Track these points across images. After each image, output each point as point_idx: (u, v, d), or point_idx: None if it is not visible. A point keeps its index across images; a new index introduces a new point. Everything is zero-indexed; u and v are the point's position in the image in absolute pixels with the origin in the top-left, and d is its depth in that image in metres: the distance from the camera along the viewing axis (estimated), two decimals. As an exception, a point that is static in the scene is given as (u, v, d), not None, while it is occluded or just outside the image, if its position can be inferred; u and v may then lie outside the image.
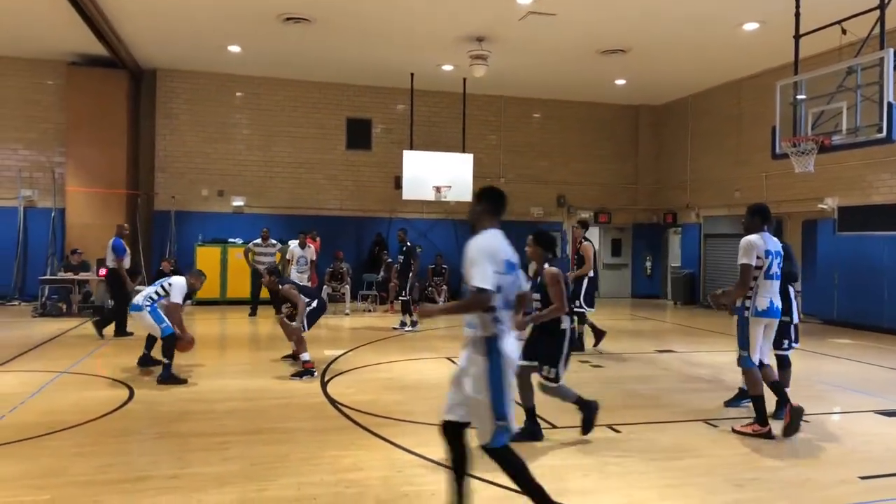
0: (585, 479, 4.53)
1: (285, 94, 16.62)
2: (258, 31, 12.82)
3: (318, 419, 5.98)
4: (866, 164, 12.45)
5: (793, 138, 8.50)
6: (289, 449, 5.07)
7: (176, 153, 15.98)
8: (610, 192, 18.94)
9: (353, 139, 17.09)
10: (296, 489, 4.27)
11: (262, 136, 16.54)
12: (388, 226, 17.02)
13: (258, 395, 6.86)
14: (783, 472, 4.73)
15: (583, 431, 5.44)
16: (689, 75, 15.76)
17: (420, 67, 15.19)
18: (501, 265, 3.57)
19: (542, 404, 6.47)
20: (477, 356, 3.50)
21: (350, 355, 9.13)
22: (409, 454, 4.98)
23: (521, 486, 3.65)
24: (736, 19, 11.72)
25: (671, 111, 18.51)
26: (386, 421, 5.87)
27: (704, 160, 17.17)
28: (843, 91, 8.46)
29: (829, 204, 13.21)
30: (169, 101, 15.93)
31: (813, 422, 6.08)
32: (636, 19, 11.83)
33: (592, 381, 7.79)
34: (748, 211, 5.79)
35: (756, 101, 15.20)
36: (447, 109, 17.36)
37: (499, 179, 17.81)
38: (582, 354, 9.41)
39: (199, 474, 4.49)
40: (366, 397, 6.74)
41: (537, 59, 14.37)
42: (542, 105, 18.34)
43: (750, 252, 5.51)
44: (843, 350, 10.28)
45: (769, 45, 12.73)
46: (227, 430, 5.59)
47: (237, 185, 16.32)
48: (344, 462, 4.81)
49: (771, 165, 14.80)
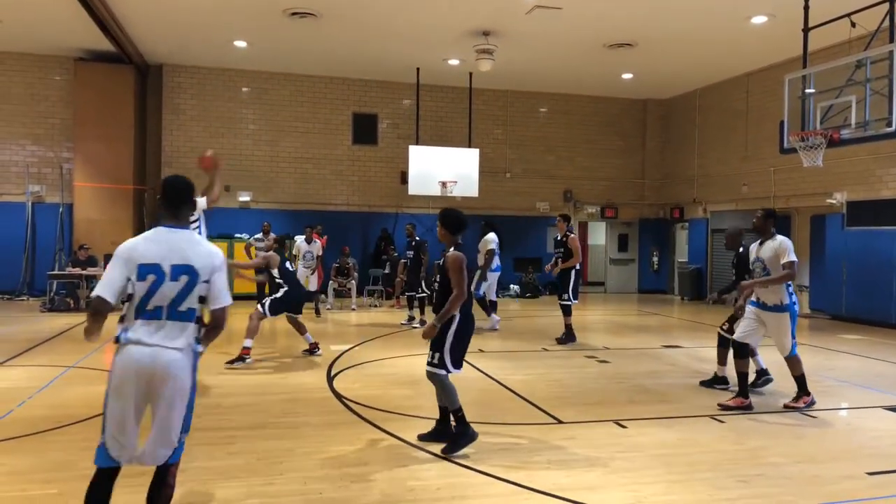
0: (591, 474, 4.52)
1: (291, 89, 16.62)
2: (264, 25, 12.82)
3: (324, 414, 5.99)
4: (875, 158, 12.35)
5: (801, 133, 8.44)
6: (294, 443, 5.08)
7: (183, 148, 16.01)
8: (617, 186, 18.88)
9: (360, 134, 17.09)
10: (301, 483, 4.28)
11: (269, 131, 16.55)
12: (395, 221, 17.02)
13: (265, 391, 6.88)
14: (789, 467, 4.71)
15: (430, 437, 5.08)
16: (697, 69, 15.66)
17: (426, 62, 15.16)
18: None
19: (543, 400, 6.48)
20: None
21: (356, 350, 9.15)
22: (415, 449, 4.98)
23: None
24: (744, 12, 11.63)
25: (678, 105, 18.42)
26: (392, 416, 5.88)
27: (712, 155, 17.09)
28: (852, 85, 8.40)
29: (837, 199, 13.11)
30: (175, 97, 15.96)
31: (820, 417, 6.06)
32: (643, 13, 11.75)
33: (599, 376, 7.79)
34: (764, 214, 6.14)
35: (764, 96, 15.11)
36: (453, 104, 17.33)
37: (505, 174, 17.80)
38: (588, 349, 9.41)
39: (205, 468, 4.50)
40: (372, 392, 6.76)
41: (544, 53, 14.32)
42: (548, 99, 18.28)
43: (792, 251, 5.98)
44: (851, 346, 10.22)
45: (777, 39, 12.64)
46: (232, 424, 5.61)
47: (244, 181, 16.34)
48: (349, 457, 4.81)
49: (779, 160, 14.71)
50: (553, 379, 7.58)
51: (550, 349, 9.54)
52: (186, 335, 3.18)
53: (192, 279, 3.17)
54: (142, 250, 3.17)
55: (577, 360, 8.66)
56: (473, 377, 7.63)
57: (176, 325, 3.15)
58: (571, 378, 7.60)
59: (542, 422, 5.81)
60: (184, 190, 3.33)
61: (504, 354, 9.04)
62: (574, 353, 9.07)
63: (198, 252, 3.24)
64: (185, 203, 3.33)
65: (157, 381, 3.08)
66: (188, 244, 3.24)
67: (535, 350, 9.46)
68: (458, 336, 5.02)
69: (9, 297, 14.10)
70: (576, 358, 8.81)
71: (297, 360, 8.40)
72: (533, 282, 17.60)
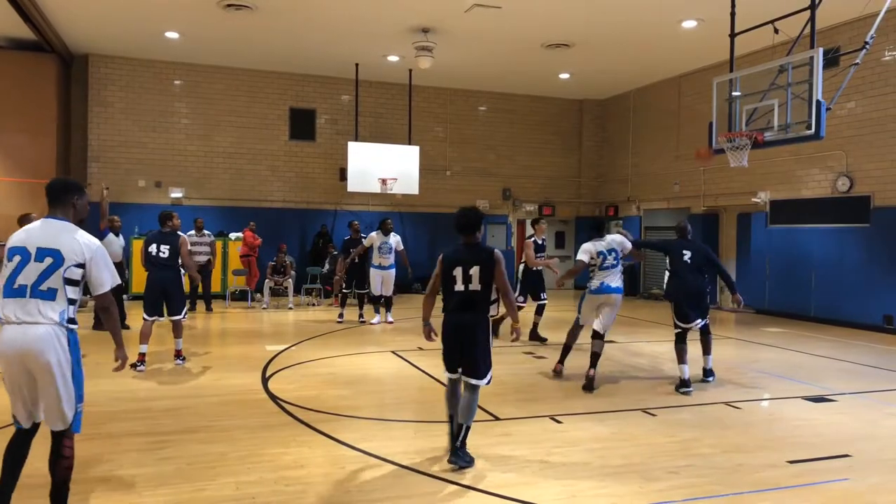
0: (527, 470, 4.57)
1: (226, 82, 16.18)
2: (198, 17, 12.42)
3: (258, 416, 5.86)
4: (797, 159, 12.94)
5: (728, 134, 8.75)
6: (227, 447, 4.95)
7: (110, 142, 15.38)
8: (554, 185, 19.17)
9: (297, 129, 16.79)
10: (234, 488, 4.17)
11: (202, 126, 16.07)
12: (333, 218, 16.82)
13: (195, 393, 6.68)
14: (716, 458, 4.88)
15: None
16: (632, 71, 16.05)
17: (365, 58, 15.02)
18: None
19: (482, 397, 6.52)
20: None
21: (293, 350, 8.99)
22: (352, 450, 4.93)
23: None
24: (675, 16, 11.98)
25: (613, 106, 18.85)
26: (328, 417, 5.80)
27: (645, 154, 17.56)
28: (775, 89, 8.74)
29: (761, 198, 13.68)
30: (103, 89, 15.30)
31: (744, 408, 6.30)
32: (580, 14, 11.96)
33: (535, 372, 7.89)
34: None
35: (695, 97, 15.62)
36: (393, 101, 17.24)
37: (445, 172, 17.83)
38: (528, 346, 9.54)
39: (132, 476, 4.33)
40: (308, 393, 6.65)
41: (483, 51, 14.39)
42: (488, 98, 18.39)
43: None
44: (773, 338, 10.68)
45: (706, 42, 13.07)
46: (162, 429, 5.42)
47: (176, 176, 15.83)
48: (284, 459, 4.72)
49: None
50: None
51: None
52: (53, 312, 3.45)
53: (56, 262, 3.48)
54: (16, 237, 3.59)
55: (514, 357, 8.75)
56: (413, 375, 7.61)
57: (39, 302, 3.44)
58: (508, 374, 7.67)
59: (480, 419, 5.82)
60: (59, 188, 3.71)
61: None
62: (513, 349, 9.17)
63: (68, 239, 3.54)
64: (58, 199, 3.68)
65: (30, 357, 3.40)
66: (61, 232, 3.57)
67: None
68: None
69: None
70: (513, 354, 8.90)
71: (231, 362, 8.19)
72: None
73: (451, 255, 4.77)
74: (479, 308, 4.70)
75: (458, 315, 4.68)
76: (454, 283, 4.68)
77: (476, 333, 4.66)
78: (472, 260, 4.66)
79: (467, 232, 4.78)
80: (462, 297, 4.67)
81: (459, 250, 4.78)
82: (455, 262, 4.70)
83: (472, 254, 4.72)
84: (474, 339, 4.66)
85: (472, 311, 4.68)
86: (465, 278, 4.64)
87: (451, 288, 4.70)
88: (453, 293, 4.70)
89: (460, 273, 4.66)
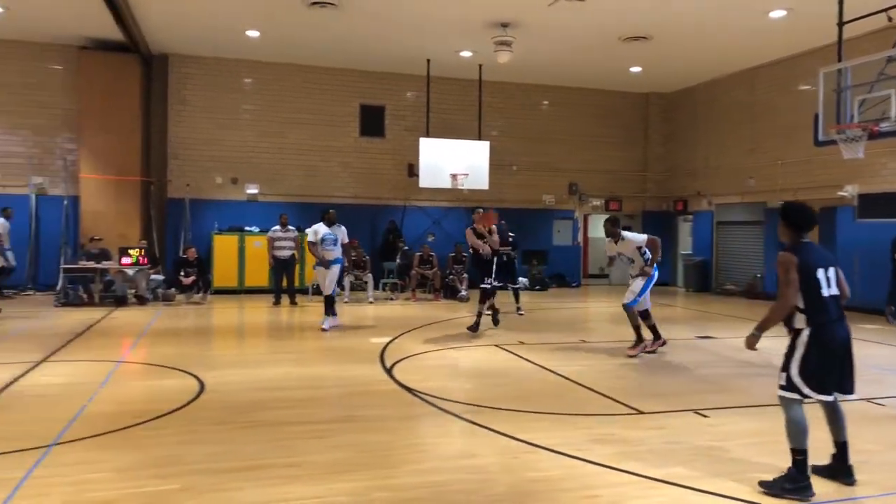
0: (699, 463, 4.54)
1: (298, 80, 16.38)
2: (281, 15, 12.60)
3: (399, 406, 5.93)
4: (889, 151, 12.58)
5: (840, 126, 8.58)
6: (387, 437, 5.01)
7: (189, 140, 15.71)
8: (619, 179, 19.00)
9: (367, 126, 16.93)
10: (416, 475, 4.24)
11: (275, 123, 16.29)
12: (402, 213, 16.92)
13: (321, 384, 6.82)
14: (883, 455, 4.80)
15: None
16: (703, 64, 15.80)
17: (437, 54, 15.06)
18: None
19: (612, 391, 6.51)
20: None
21: (396, 343, 9.07)
22: (514, 440, 4.94)
23: None
24: (764, 6, 11.76)
25: (680, 99, 18.59)
26: (470, 408, 5.82)
27: (715, 148, 17.29)
28: (885, 79, 8.56)
29: (849, 191, 13.37)
30: (182, 87, 15.62)
31: (888, 405, 6.17)
32: (664, 5, 11.81)
33: (657, 364, 7.83)
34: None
35: (770, 90, 15.34)
36: (459, 96, 17.22)
37: (511, 167, 17.79)
38: (627, 340, 9.47)
39: (315, 462, 4.43)
40: (435, 384, 6.70)
41: (560, 45, 14.32)
42: (550, 92, 18.25)
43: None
44: (875, 335, 10.43)
45: (790, 34, 12.82)
46: (315, 418, 5.53)
47: (251, 173, 16.09)
48: (450, 449, 4.78)
49: (786, 152, 14.97)
50: (604, 370, 7.60)
51: (588, 341, 9.59)
52: None
53: None
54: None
55: (622, 352, 8.67)
56: (527, 368, 7.63)
57: None
58: (625, 369, 7.63)
59: (622, 412, 5.82)
60: None
61: (545, 346, 9.01)
62: (617, 346, 9.08)
63: None
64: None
65: None
66: None
67: (574, 342, 9.47)
68: (808, 352, 4.14)
69: (14, 291, 13.68)
70: (621, 349, 8.82)
71: (341, 354, 8.30)
72: (540, 275, 17.64)
73: (810, 256, 4.18)
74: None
75: (842, 325, 4.21)
76: (819, 288, 4.14)
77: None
78: (832, 260, 4.27)
79: (810, 229, 4.31)
80: (837, 304, 4.21)
81: (816, 249, 4.29)
82: (816, 264, 4.17)
83: (827, 253, 4.36)
84: (852, 352, 4.27)
85: (845, 318, 4.26)
86: (829, 281, 4.16)
87: (818, 293, 4.13)
88: (822, 299, 4.13)
89: (824, 275, 4.16)
